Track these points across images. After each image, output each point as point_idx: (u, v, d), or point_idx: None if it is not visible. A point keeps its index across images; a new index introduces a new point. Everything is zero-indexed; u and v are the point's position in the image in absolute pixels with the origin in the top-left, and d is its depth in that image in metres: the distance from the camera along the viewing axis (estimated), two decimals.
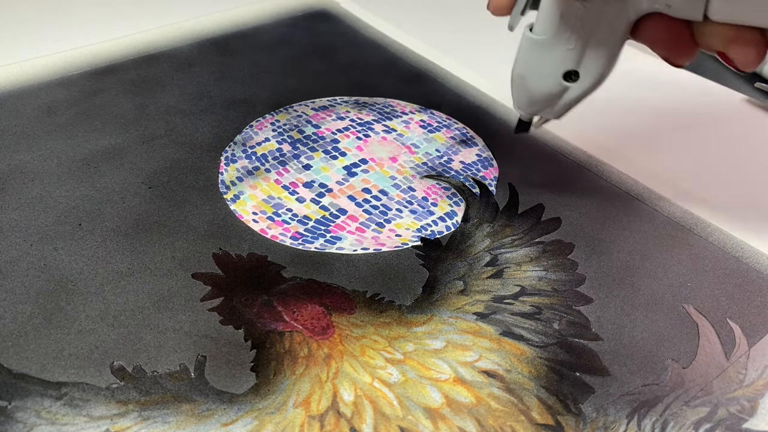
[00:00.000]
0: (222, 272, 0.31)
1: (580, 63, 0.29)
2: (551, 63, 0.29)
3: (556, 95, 0.30)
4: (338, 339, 0.28)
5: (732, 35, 0.26)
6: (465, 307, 0.29)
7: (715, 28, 0.26)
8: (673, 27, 0.27)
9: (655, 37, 0.28)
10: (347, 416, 0.25)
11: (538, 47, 0.29)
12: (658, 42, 0.28)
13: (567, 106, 0.31)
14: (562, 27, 0.28)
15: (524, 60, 0.30)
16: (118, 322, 0.28)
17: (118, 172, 0.36)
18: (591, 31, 0.28)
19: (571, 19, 0.28)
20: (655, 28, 0.27)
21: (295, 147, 0.39)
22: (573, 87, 0.30)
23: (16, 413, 0.25)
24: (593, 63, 0.29)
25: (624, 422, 0.25)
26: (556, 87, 0.30)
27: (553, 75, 0.30)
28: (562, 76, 0.30)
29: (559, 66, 0.29)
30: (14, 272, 0.30)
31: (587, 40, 0.28)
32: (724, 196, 0.36)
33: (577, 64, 0.29)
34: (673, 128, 0.42)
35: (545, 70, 0.30)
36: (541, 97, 0.31)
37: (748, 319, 0.29)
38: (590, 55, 0.29)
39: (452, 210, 0.35)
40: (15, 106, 0.41)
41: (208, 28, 0.50)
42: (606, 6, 0.27)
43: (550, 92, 0.30)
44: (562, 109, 0.31)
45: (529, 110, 0.32)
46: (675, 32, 0.27)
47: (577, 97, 0.30)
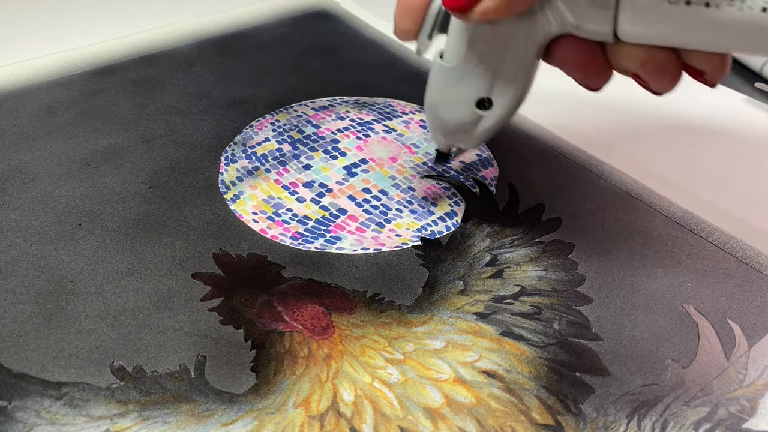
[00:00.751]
0: (222, 272, 0.31)
1: (492, 90, 0.28)
2: (463, 91, 0.28)
3: (470, 124, 0.29)
4: (338, 339, 0.28)
5: (644, 57, 0.25)
6: (465, 307, 0.29)
7: (627, 49, 0.25)
8: (585, 49, 0.26)
9: (568, 59, 0.27)
10: (347, 416, 0.25)
11: (449, 75, 0.28)
12: (571, 65, 0.27)
13: (484, 135, 0.29)
14: (471, 53, 0.27)
15: (435, 88, 0.29)
16: (118, 322, 0.28)
17: (118, 172, 0.36)
18: (501, 56, 0.27)
19: (479, 44, 0.27)
20: (567, 51, 0.26)
21: (295, 147, 0.39)
22: (487, 115, 0.28)
23: (16, 413, 0.25)
24: (506, 90, 0.28)
25: (624, 422, 0.25)
26: (470, 116, 0.29)
27: (466, 103, 0.28)
28: (475, 104, 0.28)
29: (471, 94, 0.28)
30: (14, 272, 0.30)
31: (497, 65, 0.27)
32: (724, 196, 0.36)
33: (489, 91, 0.28)
34: (673, 128, 0.42)
35: (457, 99, 0.28)
36: (455, 127, 0.29)
37: (748, 319, 0.29)
38: (502, 81, 0.27)
39: (452, 210, 0.35)
40: (15, 106, 0.41)
41: (208, 28, 0.50)
42: (515, 29, 0.26)
43: (465, 121, 0.29)
44: (479, 138, 0.30)
45: (445, 141, 0.31)
46: (587, 54, 0.26)
47: (493, 125, 0.29)
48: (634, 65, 0.25)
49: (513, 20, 0.26)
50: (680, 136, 0.41)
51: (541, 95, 0.44)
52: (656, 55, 0.25)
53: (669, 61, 0.25)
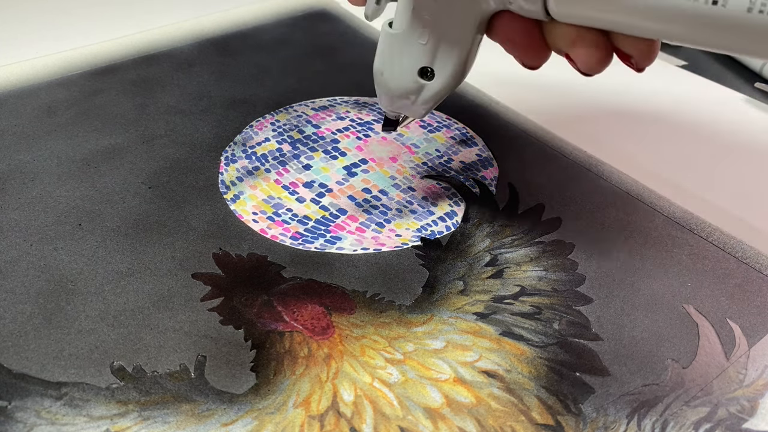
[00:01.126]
0: (222, 272, 0.31)
1: (434, 60, 0.28)
2: (406, 59, 0.29)
3: (412, 92, 0.29)
4: (338, 339, 0.28)
5: (574, 36, 0.25)
6: (465, 307, 0.29)
7: (559, 28, 0.25)
8: (523, 26, 0.26)
9: (507, 36, 0.27)
10: (347, 416, 0.25)
11: (394, 42, 0.29)
12: (510, 42, 0.27)
13: (425, 104, 0.30)
14: (415, 22, 0.28)
15: (382, 55, 0.30)
16: (118, 322, 0.28)
17: (118, 172, 0.36)
18: (443, 27, 0.27)
19: (423, 14, 0.27)
20: (506, 27, 0.27)
21: (295, 147, 0.39)
22: (429, 85, 0.29)
23: (16, 413, 0.25)
24: (447, 61, 0.28)
25: (624, 422, 0.25)
26: (412, 84, 0.29)
27: (409, 71, 0.29)
28: (418, 73, 0.29)
29: (414, 62, 0.29)
30: (14, 272, 0.30)
31: (440, 36, 0.28)
32: (724, 196, 0.36)
33: (431, 61, 0.28)
34: (673, 128, 0.42)
35: (401, 66, 0.29)
36: (398, 93, 0.30)
37: (748, 319, 0.29)
38: (444, 52, 0.28)
39: (452, 210, 0.35)
40: (15, 106, 0.41)
41: (208, 28, 0.50)
42: (455, 1, 0.27)
43: (407, 89, 0.29)
44: (422, 107, 0.30)
45: (391, 107, 0.31)
46: (525, 32, 0.26)
47: (434, 95, 0.29)
48: (565, 44, 0.25)
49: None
50: (680, 137, 0.41)
51: (542, 95, 0.44)
52: (586, 35, 0.25)
53: (598, 42, 0.25)
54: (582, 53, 0.25)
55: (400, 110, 0.31)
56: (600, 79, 0.30)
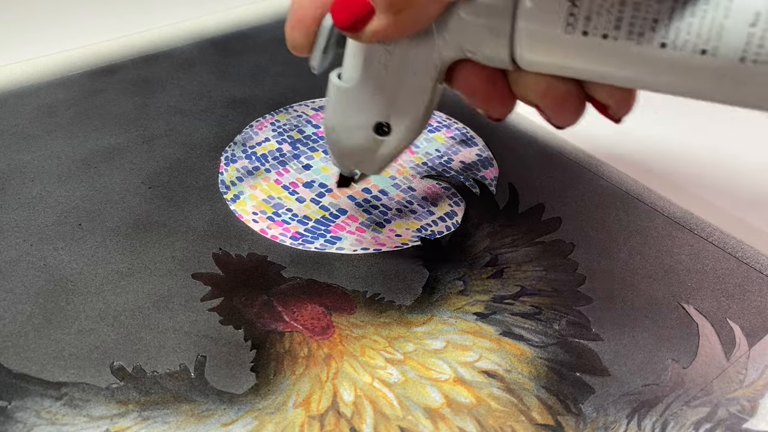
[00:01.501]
0: (222, 272, 0.31)
1: (390, 115, 0.26)
2: (359, 114, 0.26)
3: (368, 150, 0.27)
4: (338, 339, 0.28)
5: (544, 87, 0.23)
6: (465, 307, 0.29)
7: (527, 77, 0.23)
8: (485, 76, 0.24)
9: (468, 86, 0.25)
10: (347, 416, 0.25)
11: (345, 96, 0.26)
12: (472, 92, 0.25)
13: (384, 160, 0.27)
14: (367, 74, 0.25)
15: (332, 110, 0.27)
16: (118, 322, 0.28)
17: (118, 172, 0.36)
18: (398, 79, 0.25)
19: (375, 65, 0.25)
20: (466, 77, 0.24)
21: (295, 147, 0.39)
22: (386, 141, 0.26)
23: (16, 413, 0.25)
24: (404, 115, 0.26)
25: (624, 422, 0.25)
26: (368, 141, 0.27)
27: (363, 128, 0.26)
28: (373, 129, 0.26)
29: (369, 118, 0.26)
30: (14, 272, 0.30)
31: (395, 89, 0.25)
32: (724, 196, 0.36)
33: (387, 116, 0.26)
34: (673, 128, 0.42)
35: (354, 122, 0.26)
36: (353, 151, 0.27)
37: (748, 319, 0.29)
38: (400, 106, 0.26)
39: (452, 210, 0.35)
40: (15, 106, 0.41)
41: (208, 28, 0.50)
42: (410, 51, 0.24)
43: (362, 146, 0.27)
44: (378, 164, 0.28)
45: (345, 164, 0.29)
46: (488, 81, 0.24)
47: (391, 152, 0.27)
48: (534, 95, 0.23)
49: (408, 42, 0.24)
50: (680, 137, 0.41)
51: None
52: (557, 85, 0.23)
53: (570, 92, 0.23)
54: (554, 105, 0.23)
55: (355, 167, 0.29)
56: None
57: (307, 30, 0.25)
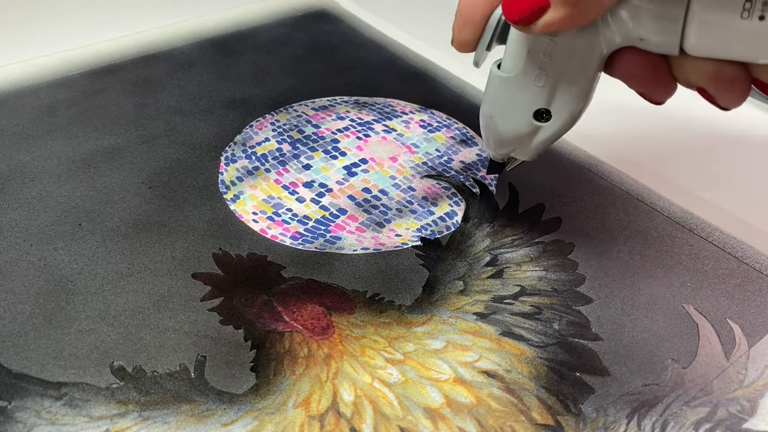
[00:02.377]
0: (222, 272, 0.31)
1: (552, 101, 0.27)
2: (521, 102, 0.27)
3: (527, 135, 0.28)
4: (338, 339, 0.28)
5: (712, 71, 0.23)
6: (465, 307, 0.29)
7: (693, 62, 0.24)
8: (648, 62, 0.25)
9: (630, 72, 0.25)
10: (347, 416, 0.25)
11: (506, 85, 0.27)
12: (634, 78, 0.26)
13: (540, 146, 0.28)
14: (530, 63, 0.26)
15: (492, 99, 0.28)
16: (118, 322, 0.28)
17: (118, 172, 0.36)
18: (561, 67, 0.26)
19: (539, 55, 0.26)
20: (629, 63, 0.25)
21: (295, 147, 0.39)
22: (545, 126, 0.27)
23: (16, 413, 0.25)
24: (565, 101, 0.27)
25: (624, 422, 0.25)
26: (527, 127, 0.28)
27: (524, 114, 0.27)
28: (533, 116, 0.27)
29: (529, 105, 0.27)
30: (14, 272, 0.30)
31: (558, 77, 0.26)
32: (724, 196, 0.36)
33: (548, 102, 0.27)
34: (673, 128, 0.42)
35: (515, 110, 0.27)
36: (511, 137, 0.28)
37: (748, 319, 0.29)
38: (562, 93, 0.27)
39: (452, 210, 0.35)
40: (15, 106, 0.41)
41: (208, 28, 0.50)
42: (576, 41, 0.25)
43: (521, 132, 0.28)
44: (535, 149, 0.29)
45: (501, 151, 0.30)
46: (651, 67, 0.25)
47: (551, 137, 0.28)
48: (702, 79, 0.24)
49: (575, 32, 0.25)
50: (680, 136, 0.41)
51: None
52: (725, 69, 0.23)
53: (738, 75, 0.23)
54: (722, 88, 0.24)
55: (511, 153, 0.30)
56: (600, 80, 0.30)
57: (477, 28, 0.26)
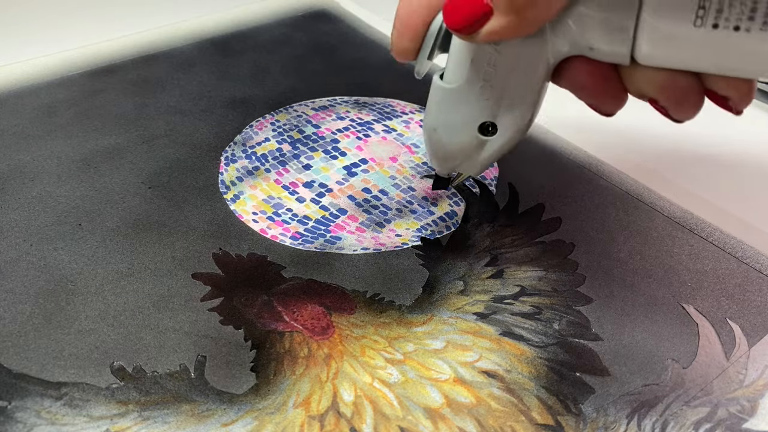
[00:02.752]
0: (222, 272, 0.31)
1: (497, 115, 0.25)
2: (465, 115, 0.26)
3: (472, 150, 0.27)
4: (338, 339, 0.28)
5: (664, 81, 0.22)
6: (465, 307, 0.29)
7: (644, 72, 0.23)
8: (598, 72, 0.23)
9: (580, 83, 0.24)
10: (347, 416, 0.25)
11: (449, 97, 0.26)
12: (584, 89, 0.24)
13: (487, 161, 0.27)
14: (473, 74, 0.25)
15: (435, 111, 0.27)
16: (118, 322, 0.28)
17: (118, 172, 0.36)
18: (506, 78, 0.25)
19: (483, 66, 0.24)
20: (578, 73, 0.24)
21: (295, 147, 0.39)
22: (491, 141, 0.26)
23: (16, 413, 0.25)
24: (511, 114, 0.25)
25: (624, 422, 0.25)
26: (472, 141, 0.26)
27: (468, 128, 0.26)
28: (478, 129, 0.26)
29: (474, 118, 0.26)
30: (14, 272, 0.30)
31: (503, 88, 0.25)
32: (724, 196, 0.36)
33: (493, 115, 0.26)
34: (673, 128, 0.42)
35: (459, 123, 0.26)
36: (456, 151, 0.27)
37: (748, 319, 0.29)
38: (507, 105, 0.25)
39: (452, 210, 0.35)
40: (15, 106, 0.41)
41: (208, 28, 0.50)
42: (522, 50, 0.24)
43: (466, 147, 0.27)
44: (482, 164, 0.27)
45: (446, 165, 0.28)
46: (601, 78, 0.24)
47: (497, 151, 0.27)
48: (653, 90, 0.23)
49: (520, 40, 0.24)
50: (680, 136, 0.41)
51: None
52: (677, 79, 0.22)
53: (691, 86, 0.22)
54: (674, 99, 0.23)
55: (456, 169, 0.28)
56: None
57: (416, 34, 0.25)
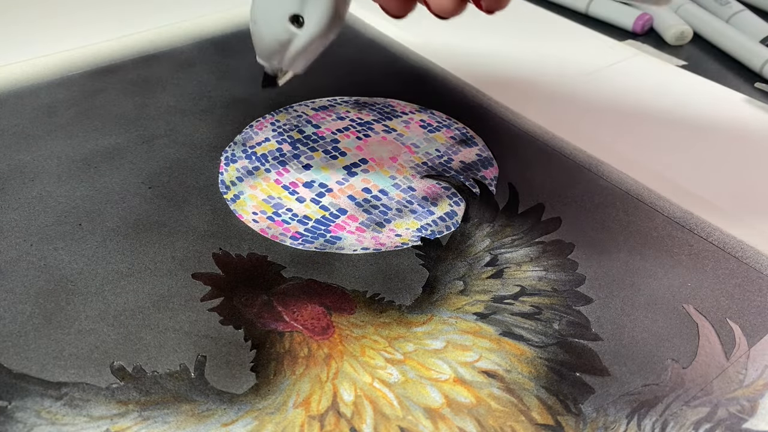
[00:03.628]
0: (222, 272, 0.31)
1: (304, 7, 0.29)
2: (276, 6, 0.29)
3: (285, 42, 0.30)
4: (338, 339, 0.28)
5: None
6: (465, 307, 0.29)
7: None
8: None
9: None
10: (347, 416, 0.25)
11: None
12: None
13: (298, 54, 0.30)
14: None
15: (255, 3, 0.30)
16: (118, 322, 0.28)
17: (118, 172, 0.36)
18: None
19: None
20: None
21: (295, 147, 0.39)
22: (300, 33, 0.29)
23: (16, 413, 0.25)
24: (316, 7, 0.28)
25: (624, 422, 0.25)
26: (284, 33, 0.29)
27: (279, 19, 0.29)
28: (290, 20, 0.29)
29: (284, 9, 0.29)
30: (14, 272, 0.30)
31: None
32: (724, 196, 0.36)
33: (300, 7, 0.29)
34: (673, 128, 0.42)
35: (272, 14, 0.29)
36: (272, 43, 0.30)
37: (748, 319, 0.29)
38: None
39: (452, 210, 0.35)
40: (15, 106, 0.41)
41: (208, 28, 0.50)
42: None
43: (279, 39, 0.29)
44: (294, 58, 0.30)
45: (267, 59, 0.31)
46: None
47: (306, 44, 0.29)
48: None
49: None
50: (680, 136, 0.41)
51: (542, 95, 0.44)
52: None
53: None
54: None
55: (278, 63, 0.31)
56: (600, 80, 0.30)
57: None
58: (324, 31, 0.29)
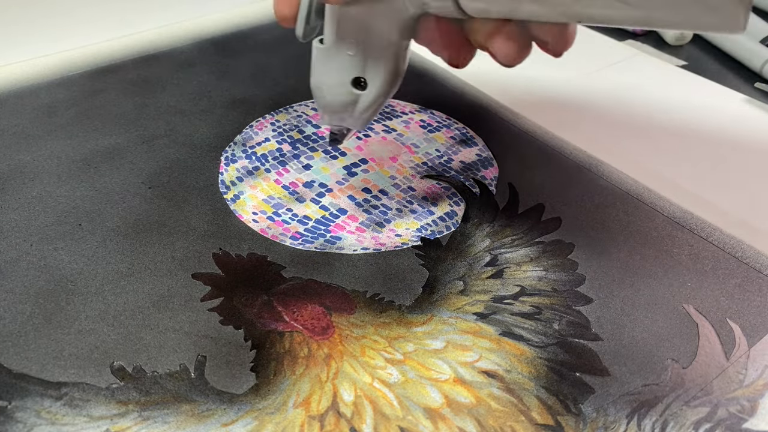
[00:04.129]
0: (222, 272, 0.31)
1: (365, 70, 0.29)
2: (338, 71, 0.29)
3: (350, 104, 0.30)
4: (338, 339, 0.28)
5: (490, 29, 0.26)
6: (465, 307, 0.29)
7: (477, 23, 0.26)
8: (443, 27, 0.27)
9: (429, 38, 0.28)
10: (347, 416, 0.25)
11: (324, 55, 0.29)
12: (433, 43, 0.28)
13: (363, 114, 0.30)
14: (340, 33, 0.28)
15: (316, 70, 0.30)
16: (118, 322, 0.28)
17: (118, 172, 0.36)
18: (367, 35, 0.28)
19: (347, 25, 0.28)
20: (427, 30, 0.27)
21: (295, 147, 0.39)
22: (363, 95, 0.29)
23: (16, 413, 0.25)
24: (377, 69, 0.28)
25: (624, 422, 0.25)
26: (348, 96, 0.29)
27: (342, 83, 0.29)
28: (351, 84, 0.29)
29: (346, 74, 0.29)
30: (14, 272, 0.30)
31: (366, 45, 0.28)
32: (724, 196, 0.36)
33: (361, 71, 0.29)
34: (674, 128, 0.42)
35: (334, 79, 0.29)
36: (337, 107, 0.30)
37: (748, 319, 0.29)
38: (372, 61, 0.28)
39: (452, 210, 0.35)
40: (15, 106, 0.41)
41: (208, 28, 0.50)
42: (373, 10, 0.27)
43: (344, 101, 0.30)
44: (360, 118, 0.30)
45: (332, 121, 0.31)
46: (446, 32, 0.27)
47: (370, 104, 0.29)
48: (483, 39, 0.26)
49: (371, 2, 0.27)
50: (680, 136, 0.41)
51: (542, 95, 0.44)
52: (502, 28, 0.26)
53: (514, 33, 0.26)
54: (500, 46, 0.26)
55: (342, 123, 0.31)
56: (600, 80, 0.30)
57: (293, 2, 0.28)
58: (387, 90, 0.29)
